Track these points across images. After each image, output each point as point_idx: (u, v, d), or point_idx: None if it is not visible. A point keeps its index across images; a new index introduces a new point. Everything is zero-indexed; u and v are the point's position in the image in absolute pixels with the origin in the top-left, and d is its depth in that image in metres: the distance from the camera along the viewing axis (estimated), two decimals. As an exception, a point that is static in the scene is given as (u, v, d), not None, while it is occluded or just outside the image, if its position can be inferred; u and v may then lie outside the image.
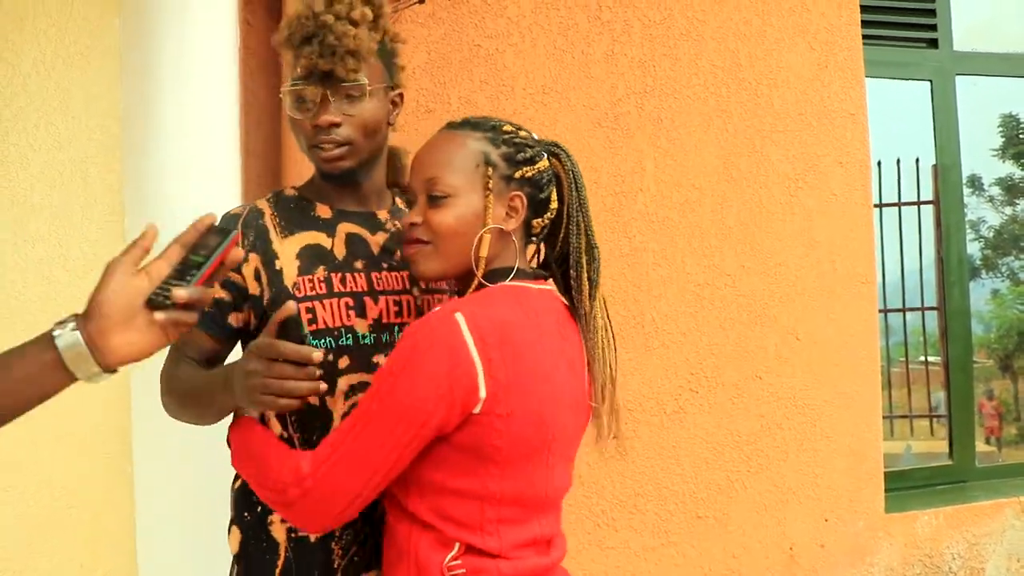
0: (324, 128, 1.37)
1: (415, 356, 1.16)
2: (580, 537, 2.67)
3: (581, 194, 1.36)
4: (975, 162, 6.52)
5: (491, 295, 1.27)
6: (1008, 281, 7.49)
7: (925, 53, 3.47)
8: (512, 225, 1.31)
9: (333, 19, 1.32)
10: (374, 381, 1.20)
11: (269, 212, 1.44)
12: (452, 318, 1.18)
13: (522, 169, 1.32)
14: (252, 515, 1.44)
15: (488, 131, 1.34)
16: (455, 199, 1.29)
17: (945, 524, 3.11)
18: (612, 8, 2.81)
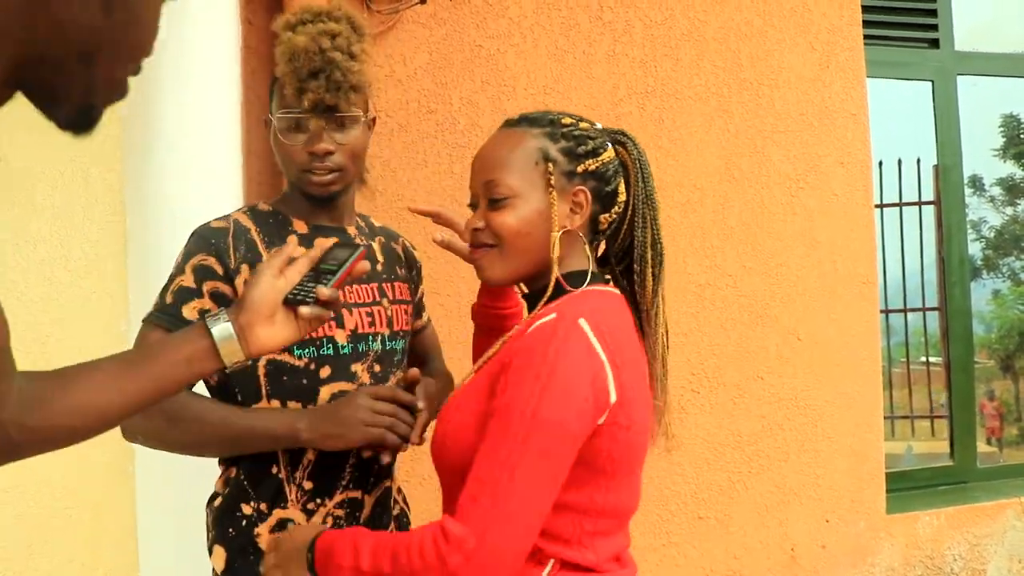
0: (319, 155, 1.43)
1: (553, 369, 1.08)
2: (581, 537, 2.67)
3: (648, 185, 1.29)
4: (976, 162, 6.53)
5: (586, 299, 1.21)
6: (1009, 281, 7.49)
7: (926, 53, 3.47)
8: (577, 222, 1.25)
9: (340, 56, 1.38)
10: (499, 416, 1.09)
11: (253, 227, 1.47)
12: (578, 325, 1.13)
13: (584, 162, 1.25)
14: (237, 530, 1.44)
15: (546, 126, 1.28)
16: (516, 200, 1.25)
17: (946, 525, 3.11)
18: (614, 8, 2.81)
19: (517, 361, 1.11)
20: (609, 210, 1.28)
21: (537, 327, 1.14)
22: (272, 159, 2.41)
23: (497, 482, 1.05)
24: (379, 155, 2.52)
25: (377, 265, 1.57)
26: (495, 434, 1.08)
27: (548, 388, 1.07)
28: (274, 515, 1.43)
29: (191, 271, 1.41)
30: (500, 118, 2.73)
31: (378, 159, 2.53)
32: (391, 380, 1.53)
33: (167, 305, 1.39)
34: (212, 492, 1.50)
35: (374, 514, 1.50)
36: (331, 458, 1.44)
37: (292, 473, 1.44)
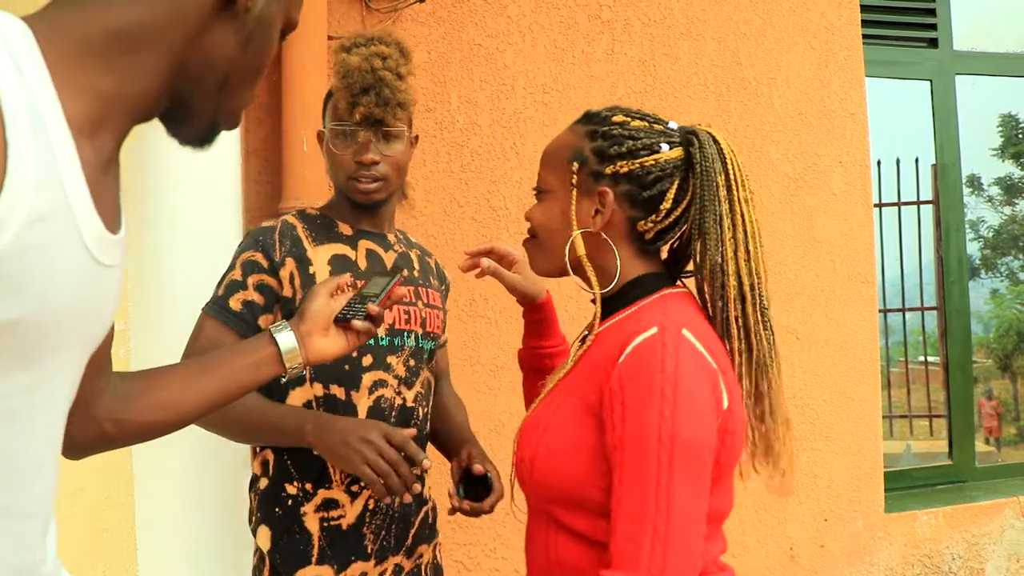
0: (365, 164, 1.57)
1: (676, 385, 1.04)
2: (580, 536, 2.67)
3: (707, 191, 1.17)
4: (974, 162, 6.55)
5: (669, 306, 1.16)
6: (1007, 281, 7.50)
7: (925, 53, 3.47)
8: (599, 224, 1.21)
9: (389, 75, 1.53)
10: (632, 446, 1.04)
11: (300, 225, 1.61)
12: (683, 336, 1.08)
13: (615, 164, 1.19)
14: (283, 509, 1.54)
15: (594, 123, 1.25)
16: (549, 195, 1.27)
17: (945, 524, 3.11)
18: (612, 7, 2.81)
19: (630, 384, 1.06)
20: (648, 215, 1.20)
21: (640, 345, 1.08)
22: (272, 158, 2.42)
23: (655, 516, 1.00)
24: (378, 154, 2.53)
25: (414, 271, 1.71)
26: (634, 466, 1.03)
27: (678, 406, 1.03)
28: (319, 495, 1.54)
29: (240, 266, 1.56)
30: (499, 117, 2.75)
31: (377, 158, 2.53)
32: (421, 376, 1.65)
33: (219, 297, 1.55)
34: (252, 475, 1.62)
35: (403, 501, 1.58)
36: None
37: None
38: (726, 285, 1.16)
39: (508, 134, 2.68)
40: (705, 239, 1.17)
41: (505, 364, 2.63)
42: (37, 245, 0.70)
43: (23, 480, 0.80)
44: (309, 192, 2.31)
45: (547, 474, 1.16)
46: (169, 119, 0.90)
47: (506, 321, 2.63)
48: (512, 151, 2.68)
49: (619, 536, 1.02)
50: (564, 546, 1.16)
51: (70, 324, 0.79)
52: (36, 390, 0.79)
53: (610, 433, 1.07)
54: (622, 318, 1.20)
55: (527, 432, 1.23)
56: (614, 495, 1.05)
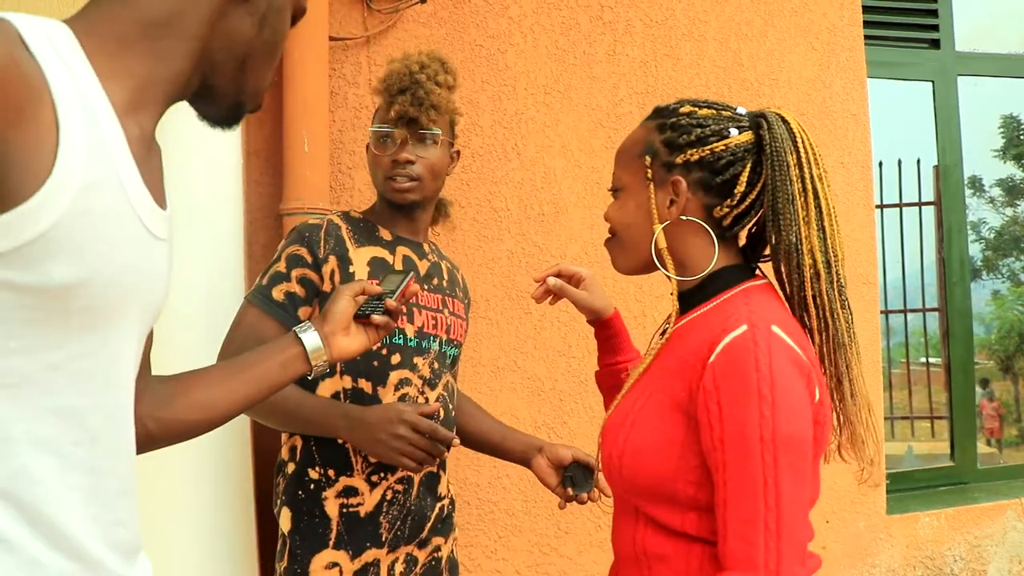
0: (401, 163, 1.66)
1: (773, 383, 1.05)
2: (581, 539, 2.67)
3: (778, 172, 1.18)
4: (976, 163, 6.55)
5: (753, 300, 1.17)
6: (1009, 282, 7.49)
7: (927, 54, 3.47)
8: (675, 214, 1.22)
9: (425, 78, 1.64)
10: (733, 446, 1.05)
11: (345, 226, 1.70)
12: (772, 331, 1.10)
13: (686, 152, 1.21)
14: (305, 493, 1.63)
15: (663, 116, 1.27)
16: (624, 192, 1.29)
17: (946, 525, 3.11)
18: (614, 8, 2.81)
19: (726, 385, 1.07)
20: (723, 200, 1.21)
21: (731, 344, 1.09)
22: (274, 159, 2.42)
23: (766, 515, 1.03)
24: (379, 155, 2.52)
25: (443, 281, 1.80)
26: (738, 467, 1.05)
27: (776, 404, 1.04)
28: (341, 481, 1.62)
29: (285, 259, 1.65)
30: (500, 118, 2.75)
31: (378, 159, 2.53)
32: (444, 378, 1.74)
33: (262, 287, 1.64)
34: (280, 460, 1.71)
35: (419, 493, 1.69)
36: None
37: None
38: (802, 264, 1.18)
39: (509, 135, 2.68)
40: (778, 219, 1.18)
41: (506, 365, 2.63)
42: (92, 210, 0.79)
43: (96, 438, 0.86)
44: (310, 193, 2.31)
45: (635, 470, 1.18)
46: (198, 100, 1.01)
47: (507, 322, 2.62)
48: (513, 152, 2.68)
49: (732, 537, 1.04)
50: (651, 538, 1.18)
51: (130, 288, 0.87)
52: (103, 352, 0.86)
53: (707, 433, 1.09)
54: (704, 312, 1.21)
55: (612, 429, 1.25)
56: (719, 496, 1.07)
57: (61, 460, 0.83)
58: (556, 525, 2.65)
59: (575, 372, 2.70)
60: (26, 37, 0.76)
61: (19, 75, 0.74)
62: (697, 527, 1.13)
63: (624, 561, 1.26)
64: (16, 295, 0.76)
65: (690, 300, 1.25)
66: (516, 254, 2.66)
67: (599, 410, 2.71)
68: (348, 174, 2.52)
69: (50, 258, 0.77)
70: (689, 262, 1.24)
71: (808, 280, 1.18)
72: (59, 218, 0.76)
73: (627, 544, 1.24)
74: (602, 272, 2.72)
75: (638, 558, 1.21)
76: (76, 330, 0.82)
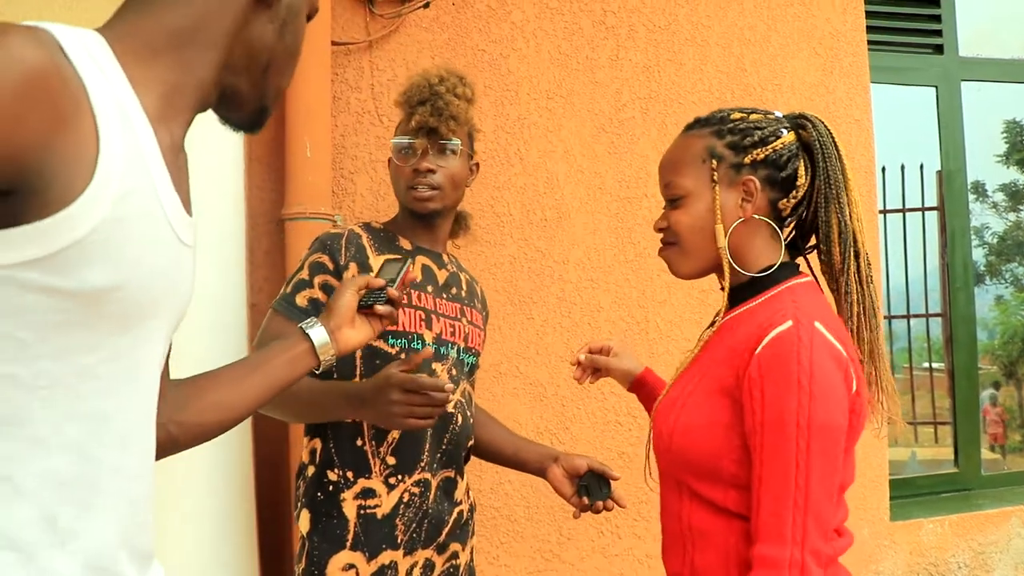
0: (422, 172, 1.71)
1: (812, 375, 1.16)
2: (584, 544, 2.66)
3: (829, 164, 1.33)
4: (979, 168, 6.54)
5: (799, 297, 1.28)
6: (1012, 287, 7.48)
7: (930, 59, 3.46)
8: (750, 211, 1.33)
9: (444, 90, 1.70)
10: (771, 430, 1.17)
11: (365, 236, 1.75)
12: (815, 327, 1.20)
13: (751, 153, 1.33)
14: (324, 495, 1.66)
15: (715, 124, 1.37)
16: (688, 198, 1.36)
17: (950, 532, 3.09)
18: (617, 13, 2.81)
19: (770, 374, 1.18)
20: (788, 194, 1.34)
21: (776, 337, 1.20)
22: (276, 164, 2.42)
23: (795, 493, 1.14)
24: (382, 159, 2.52)
25: (462, 292, 1.84)
26: (774, 449, 1.16)
27: (813, 394, 1.15)
28: (359, 483, 1.66)
29: (308, 267, 1.70)
30: (503, 123, 2.75)
31: (381, 163, 2.52)
32: (461, 385, 1.77)
33: (286, 295, 1.69)
34: (300, 463, 1.74)
35: (437, 498, 1.72)
36: (412, 440, 1.68)
37: (377, 448, 1.66)
38: (855, 243, 1.31)
39: (512, 140, 2.68)
40: (829, 205, 1.32)
41: (507, 371, 2.62)
42: (128, 217, 0.81)
43: (125, 441, 0.88)
44: (312, 198, 2.31)
45: (684, 448, 1.29)
46: (222, 107, 1.03)
47: (509, 328, 2.62)
48: (516, 157, 2.68)
49: (764, 512, 1.16)
50: (697, 514, 1.30)
51: (160, 292, 0.89)
52: (133, 356, 0.88)
53: (749, 417, 1.20)
54: (753, 307, 1.32)
55: (664, 411, 1.36)
56: (755, 475, 1.19)
57: (90, 463, 0.84)
58: (558, 531, 2.64)
59: (577, 377, 2.69)
60: (64, 45, 0.78)
61: (63, 83, 0.76)
62: (737, 503, 1.24)
63: (671, 537, 1.38)
64: (51, 299, 0.78)
65: (739, 295, 1.36)
66: (518, 259, 2.66)
67: (601, 415, 2.71)
68: (350, 179, 2.51)
69: (86, 263, 0.78)
70: (751, 257, 1.35)
71: (851, 258, 1.31)
72: (97, 225, 0.78)
73: (674, 520, 1.36)
74: (603, 278, 2.72)
75: (683, 533, 1.33)
76: (107, 334, 0.84)
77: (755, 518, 1.18)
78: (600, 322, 2.73)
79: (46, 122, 0.74)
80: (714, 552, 1.27)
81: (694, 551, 1.31)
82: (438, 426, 1.70)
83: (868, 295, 1.33)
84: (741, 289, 1.36)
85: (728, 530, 1.25)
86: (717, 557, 1.26)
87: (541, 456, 1.87)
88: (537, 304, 2.67)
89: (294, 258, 2.28)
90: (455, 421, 1.75)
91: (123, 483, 0.88)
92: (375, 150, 2.53)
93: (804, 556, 1.13)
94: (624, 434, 2.73)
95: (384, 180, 2.54)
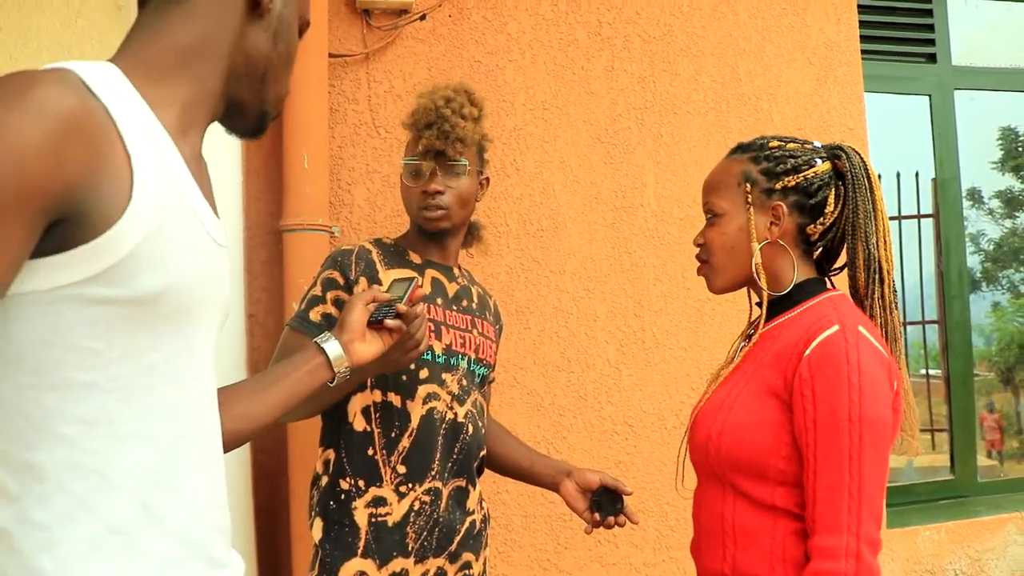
0: (431, 194, 1.73)
1: (860, 373, 1.25)
2: (581, 554, 2.67)
3: (859, 194, 1.41)
4: (974, 175, 6.55)
5: (839, 306, 1.37)
6: (1008, 294, 7.49)
7: (924, 68, 3.48)
8: (776, 234, 1.43)
9: (450, 112, 1.72)
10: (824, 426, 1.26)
11: (375, 251, 1.78)
12: (859, 331, 1.30)
13: (783, 180, 1.43)
14: (336, 503, 1.69)
15: (753, 151, 1.48)
16: (724, 218, 1.46)
17: (947, 539, 3.10)
18: (612, 24, 2.83)
19: (820, 374, 1.27)
20: (815, 220, 1.43)
21: (825, 340, 1.29)
22: (273, 177, 2.43)
23: (850, 484, 1.23)
24: (379, 171, 2.53)
25: (472, 304, 1.87)
26: (828, 443, 1.25)
27: (863, 391, 1.24)
28: (370, 492, 1.69)
29: (320, 283, 1.74)
30: (499, 134, 2.76)
31: (378, 174, 2.54)
32: (472, 396, 1.80)
33: (301, 311, 1.73)
34: (314, 474, 1.77)
35: (448, 507, 1.75)
36: (422, 448, 1.70)
37: (388, 457, 1.69)
38: (876, 270, 1.40)
39: (508, 150, 2.69)
40: (857, 232, 1.41)
41: (504, 380, 2.63)
42: (168, 224, 0.89)
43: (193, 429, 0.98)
44: (310, 210, 2.32)
45: (733, 447, 1.36)
46: (227, 117, 1.10)
47: (506, 338, 2.63)
48: (512, 167, 2.69)
49: (820, 503, 1.25)
50: (743, 512, 1.37)
51: (205, 290, 0.97)
52: (190, 350, 0.97)
53: (800, 415, 1.29)
54: (794, 316, 1.41)
55: (708, 415, 1.44)
56: (808, 469, 1.27)
57: (171, 451, 0.93)
58: (555, 540, 2.65)
59: (574, 387, 2.70)
60: (88, 82, 0.86)
61: (93, 119, 0.84)
62: (785, 500, 1.32)
63: (708, 536, 1.43)
64: (114, 308, 0.86)
65: (777, 307, 1.45)
66: (515, 269, 2.67)
67: (598, 424, 2.71)
68: (348, 190, 2.52)
69: (137, 272, 0.86)
70: (782, 275, 1.45)
71: (876, 284, 1.41)
72: (142, 237, 0.86)
73: (715, 519, 1.41)
74: (599, 287, 2.73)
75: (724, 532, 1.39)
76: (166, 333, 0.92)
77: (811, 511, 1.26)
78: (596, 332, 2.74)
79: (85, 158, 0.82)
80: (758, 549, 1.34)
81: (736, 549, 1.37)
82: (448, 435, 1.74)
83: (891, 320, 1.42)
84: (778, 302, 1.45)
85: (774, 527, 1.33)
86: (762, 554, 1.33)
87: (554, 471, 1.89)
88: (534, 314, 2.68)
89: (292, 269, 2.28)
90: (466, 431, 1.77)
91: (201, 466, 0.98)
92: (372, 161, 2.55)
93: (859, 544, 1.21)
94: (621, 443, 2.74)
95: (381, 191, 2.55)
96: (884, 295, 1.41)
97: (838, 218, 1.44)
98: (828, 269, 1.52)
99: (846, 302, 1.41)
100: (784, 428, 1.32)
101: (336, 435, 1.74)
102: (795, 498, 1.32)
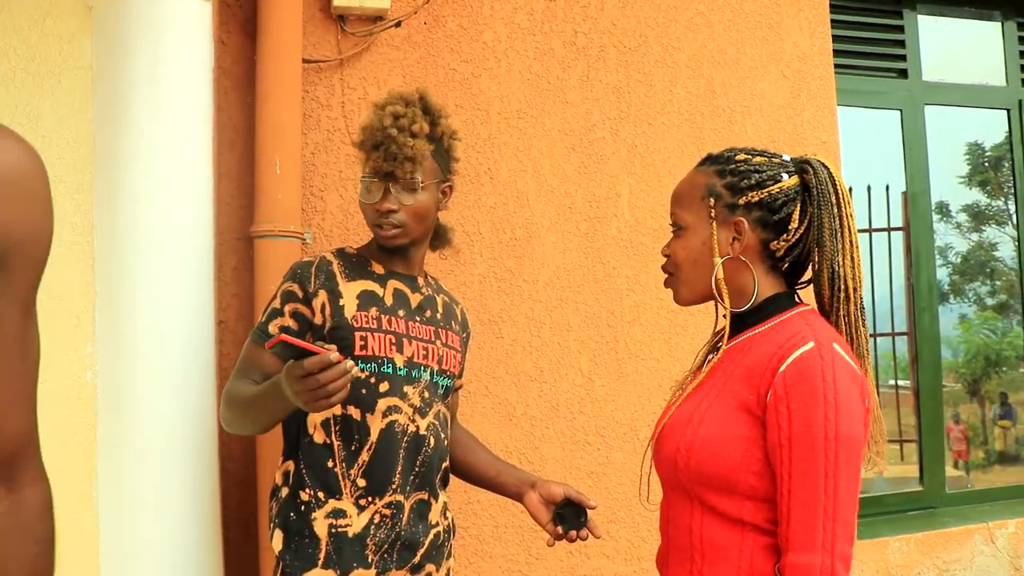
0: (384, 213, 1.72)
1: (836, 390, 1.24)
2: (552, 564, 2.65)
3: (824, 210, 1.38)
4: (943, 189, 6.64)
5: (810, 322, 1.36)
6: (975, 306, 7.60)
7: (895, 83, 3.52)
8: (738, 249, 1.40)
9: (396, 132, 1.67)
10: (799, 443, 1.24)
11: (336, 262, 1.79)
12: (832, 348, 1.29)
13: (747, 195, 1.40)
14: (296, 515, 1.69)
15: (720, 163, 1.46)
16: (688, 231, 1.45)
17: (916, 550, 3.12)
18: (588, 34, 2.83)
19: (796, 391, 1.26)
20: (779, 236, 1.41)
21: (800, 357, 1.28)
22: (245, 181, 2.40)
23: (825, 502, 1.22)
24: (352, 177, 2.51)
25: (437, 314, 1.86)
26: (803, 460, 1.24)
27: (839, 408, 1.23)
28: (330, 503, 1.68)
29: (280, 296, 1.76)
30: (473, 142, 2.75)
31: (350, 181, 2.52)
32: (435, 408, 1.79)
33: (261, 323, 1.76)
34: (273, 485, 1.76)
35: (411, 520, 1.74)
36: (383, 462, 1.69)
37: (347, 470, 1.68)
38: (840, 288, 1.38)
39: (482, 159, 2.68)
40: (823, 250, 1.39)
41: (476, 390, 2.61)
42: None
43: None
44: (282, 215, 2.29)
45: (703, 461, 1.34)
46: None
47: (478, 347, 2.61)
48: (486, 176, 2.68)
49: (795, 521, 1.23)
50: (710, 527, 1.35)
51: None
52: None
53: (775, 432, 1.27)
54: (765, 330, 1.39)
55: (676, 427, 1.41)
56: (783, 486, 1.26)
57: None
58: (527, 551, 2.63)
59: (546, 397, 2.69)
60: None
61: None
62: (754, 515, 1.31)
63: (676, 550, 1.42)
64: None
65: (746, 321, 1.43)
66: (488, 278, 2.66)
67: (570, 435, 2.70)
68: (320, 196, 2.50)
69: None
70: (746, 290, 1.42)
71: (842, 302, 1.39)
72: None
73: (683, 533, 1.40)
74: (572, 297, 2.73)
75: (692, 546, 1.37)
76: None
77: (784, 528, 1.25)
78: (569, 341, 2.73)
79: None
80: (726, 564, 1.33)
81: (703, 563, 1.36)
82: (410, 448, 1.72)
83: (856, 337, 1.40)
84: (746, 316, 1.43)
85: (742, 542, 1.32)
86: (730, 568, 1.32)
87: (519, 482, 1.89)
88: (506, 323, 2.67)
89: (263, 275, 2.26)
90: (427, 443, 1.76)
91: None
92: (345, 168, 2.53)
93: (834, 562, 1.21)
94: (593, 454, 2.73)
95: (353, 198, 2.53)
96: (850, 312, 1.40)
97: (804, 234, 1.42)
98: (795, 283, 1.51)
99: (817, 318, 1.40)
100: (756, 444, 1.30)
101: (295, 447, 1.73)
102: (764, 513, 1.31)
